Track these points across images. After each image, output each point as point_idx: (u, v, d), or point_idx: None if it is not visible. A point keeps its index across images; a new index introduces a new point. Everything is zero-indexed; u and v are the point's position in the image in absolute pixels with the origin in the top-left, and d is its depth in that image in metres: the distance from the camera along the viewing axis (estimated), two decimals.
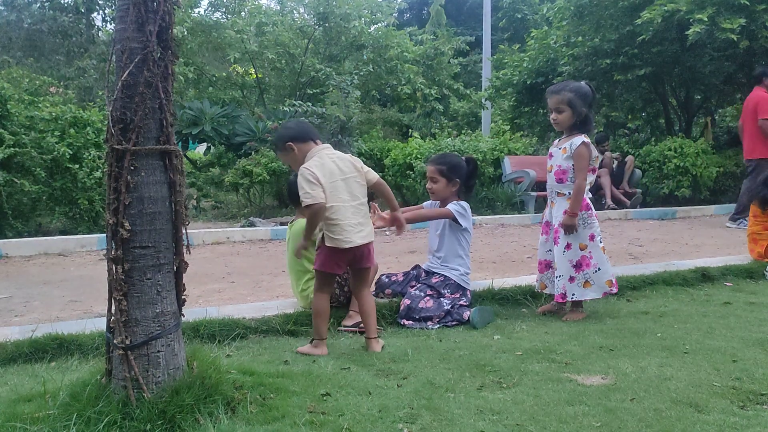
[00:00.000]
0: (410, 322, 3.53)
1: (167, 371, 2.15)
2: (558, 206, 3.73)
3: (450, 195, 3.83)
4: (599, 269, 3.64)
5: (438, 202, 3.90)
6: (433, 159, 3.92)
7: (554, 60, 12.54)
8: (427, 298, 3.60)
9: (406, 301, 3.59)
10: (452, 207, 3.74)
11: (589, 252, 3.64)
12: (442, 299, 3.62)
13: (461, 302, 3.66)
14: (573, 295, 3.63)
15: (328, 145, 3.18)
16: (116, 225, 2.08)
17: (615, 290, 3.74)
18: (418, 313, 3.53)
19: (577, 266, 3.63)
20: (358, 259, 3.14)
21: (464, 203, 3.81)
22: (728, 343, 3.05)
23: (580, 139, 3.63)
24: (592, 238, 3.65)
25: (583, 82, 3.73)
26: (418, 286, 3.73)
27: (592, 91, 3.69)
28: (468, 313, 3.54)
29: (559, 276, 3.66)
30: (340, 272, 3.22)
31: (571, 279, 3.64)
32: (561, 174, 3.69)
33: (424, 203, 4.08)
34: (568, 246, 3.65)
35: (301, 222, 3.47)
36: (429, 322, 3.51)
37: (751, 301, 4.00)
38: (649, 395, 2.37)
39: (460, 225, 3.75)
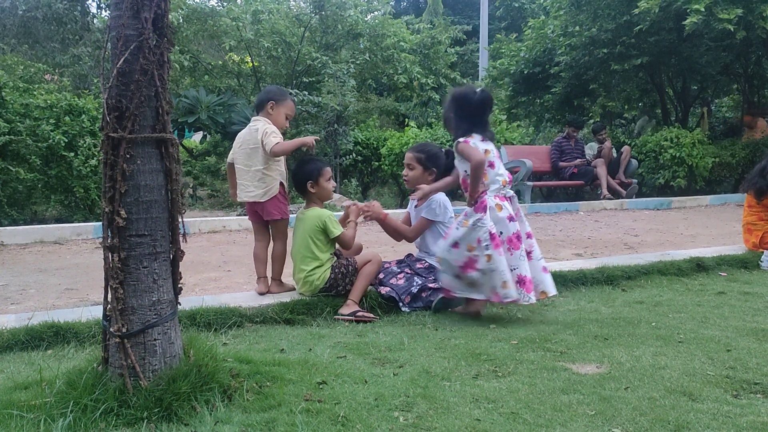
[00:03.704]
0: (387, 289, 3.60)
1: (164, 359, 2.16)
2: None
3: (425, 184, 3.82)
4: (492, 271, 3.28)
5: (415, 201, 3.93)
6: (413, 147, 3.94)
7: (551, 50, 12.51)
8: (401, 275, 3.66)
9: (380, 276, 3.68)
10: (425, 215, 3.77)
11: (476, 255, 3.31)
12: (414, 277, 3.66)
13: (431, 285, 3.65)
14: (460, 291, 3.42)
15: (258, 117, 3.85)
16: (112, 213, 2.08)
17: (526, 298, 3.30)
18: (388, 285, 3.62)
19: (465, 267, 3.35)
20: (259, 212, 3.79)
21: (437, 198, 3.77)
22: (722, 332, 3.07)
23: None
24: (479, 242, 3.31)
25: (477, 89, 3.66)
26: (399, 263, 3.81)
27: (484, 97, 3.63)
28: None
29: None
30: (251, 219, 3.91)
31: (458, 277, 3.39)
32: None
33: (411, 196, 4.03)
34: (455, 245, 3.39)
35: (312, 210, 3.63)
36: (400, 303, 3.56)
37: (746, 290, 4.03)
38: (644, 384, 2.38)
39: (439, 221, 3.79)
